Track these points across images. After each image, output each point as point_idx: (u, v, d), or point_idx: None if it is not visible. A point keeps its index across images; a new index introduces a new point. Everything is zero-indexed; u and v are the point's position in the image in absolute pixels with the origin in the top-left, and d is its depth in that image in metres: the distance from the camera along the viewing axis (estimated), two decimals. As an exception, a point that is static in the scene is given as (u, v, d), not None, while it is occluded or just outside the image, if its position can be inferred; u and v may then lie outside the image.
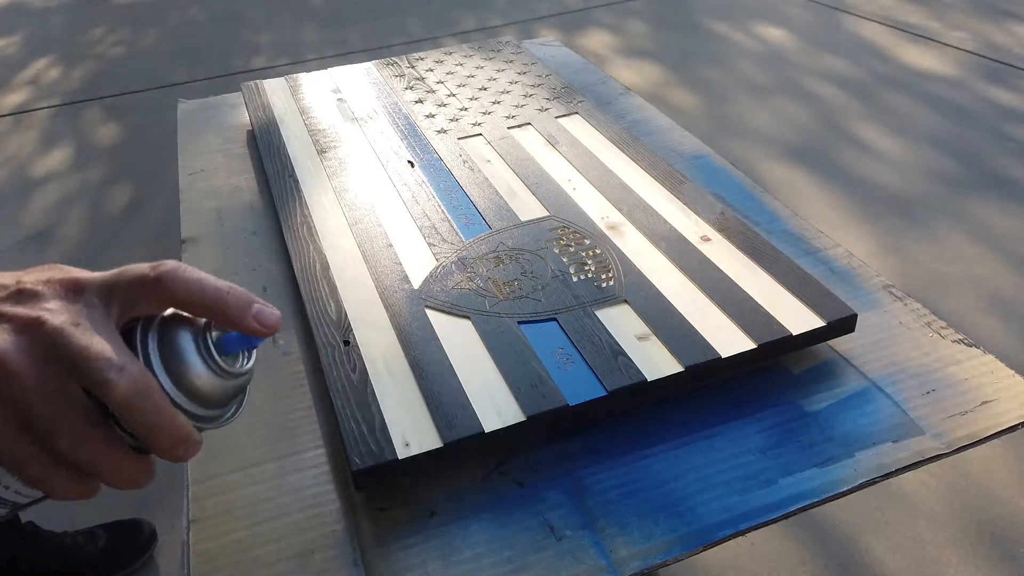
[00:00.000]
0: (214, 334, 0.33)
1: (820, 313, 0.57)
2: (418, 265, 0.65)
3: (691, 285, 0.61)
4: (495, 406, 0.51)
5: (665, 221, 0.69)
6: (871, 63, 2.88)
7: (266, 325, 0.33)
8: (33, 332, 0.29)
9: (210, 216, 0.78)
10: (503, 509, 0.49)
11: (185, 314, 0.33)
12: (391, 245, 0.68)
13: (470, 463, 0.52)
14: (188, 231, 0.76)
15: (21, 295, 0.30)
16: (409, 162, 0.81)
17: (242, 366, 0.33)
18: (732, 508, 0.48)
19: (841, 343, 0.60)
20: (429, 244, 0.68)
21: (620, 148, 0.82)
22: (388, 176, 0.79)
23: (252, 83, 1.00)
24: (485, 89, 0.96)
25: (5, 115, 2.79)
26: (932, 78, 2.74)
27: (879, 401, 0.56)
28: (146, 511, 1.27)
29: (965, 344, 0.61)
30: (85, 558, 1.17)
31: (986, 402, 0.55)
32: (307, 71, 1.05)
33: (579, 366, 0.54)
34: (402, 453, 0.48)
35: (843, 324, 0.58)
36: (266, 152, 0.84)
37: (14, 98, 2.91)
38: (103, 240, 2.03)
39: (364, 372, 0.54)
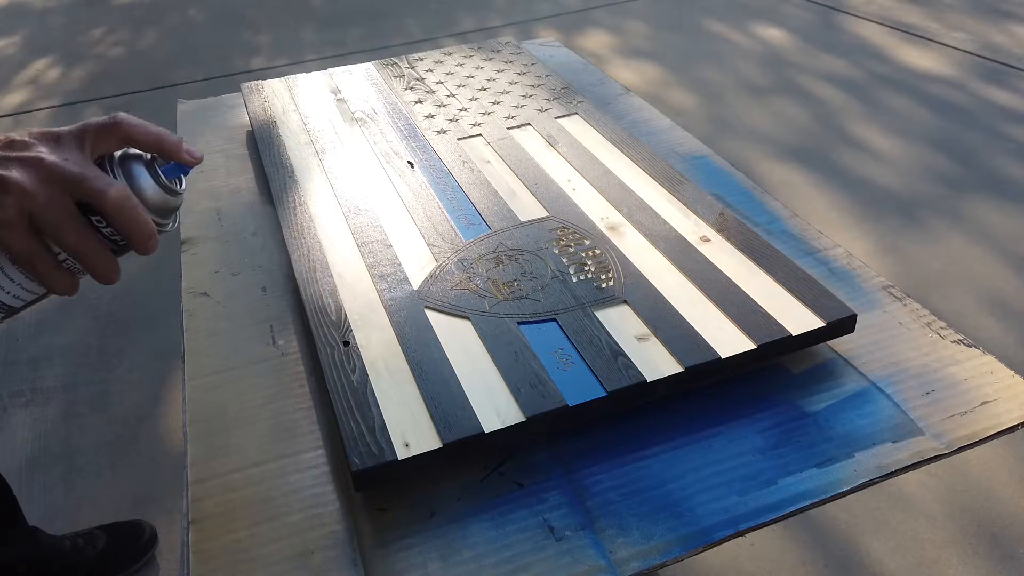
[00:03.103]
0: (159, 164, 0.44)
1: (820, 313, 0.57)
2: (418, 265, 0.65)
3: (691, 285, 0.61)
4: (495, 407, 0.51)
5: (665, 221, 0.69)
6: (870, 63, 2.88)
7: (195, 157, 0.46)
8: (37, 166, 0.40)
9: (210, 216, 0.78)
10: (503, 509, 0.49)
11: (137, 151, 0.44)
12: (391, 245, 0.68)
13: (470, 463, 0.52)
14: (188, 231, 0.76)
15: (14, 145, 0.41)
16: (409, 163, 0.81)
17: (179, 188, 0.45)
18: (732, 508, 0.48)
19: (841, 343, 0.60)
20: (429, 244, 0.68)
21: (620, 148, 0.82)
22: (388, 177, 0.79)
23: (252, 83, 1.00)
24: (485, 90, 0.96)
25: (5, 115, 2.79)
26: (931, 78, 2.74)
27: (879, 401, 0.56)
28: (146, 512, 1.27)
29: (965, 344, 0.61)
30: (85, 560, 1.17)
31: (986, 402, 0.55)
32: (307, 71, 1.05)
33: (579, 367, 0.54)
34: (402, 454, 0.48)
35: (843, 324, 0.58)
36: (266, 152, 0.84)
37: (14, 98, 2.91)
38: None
39: (364, 372, 0.54)
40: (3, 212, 0.38)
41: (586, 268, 0.64)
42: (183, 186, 0.46)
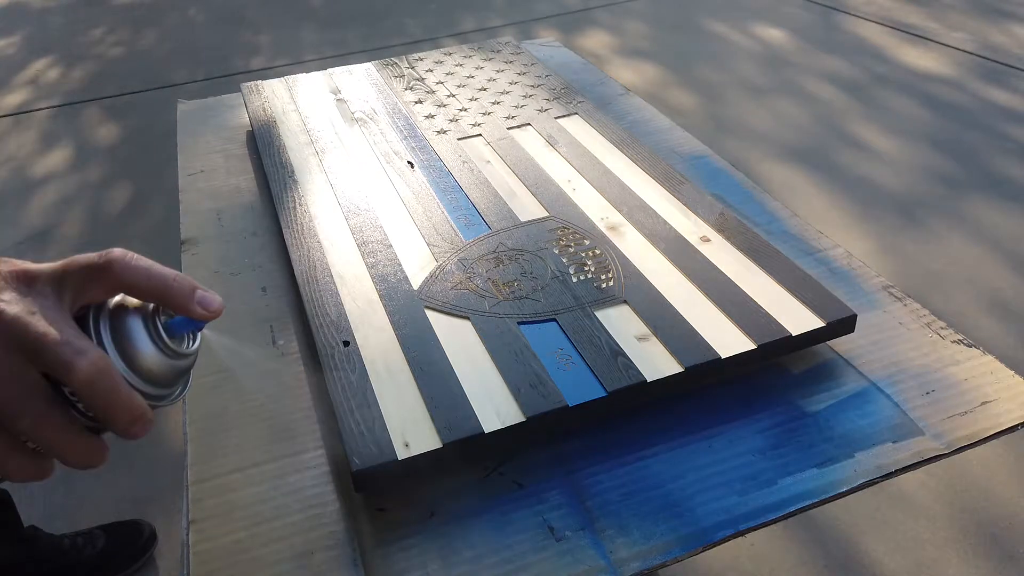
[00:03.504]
0: (162, 318, 0.35)
1: (820, 313, 0.57)
2: (418, 265, 0.65)
3: (691, 286, 0.61)
4: (495, 407, 0.51)
5: (665, 222, 0.69)
6: (870, 63, 2.88)
7: (209, 309, 0.35)
8: None
9: (210, 216, 0.78)
10: (503, 509, 0.49)
11: (134, 300, 0.34)
12: (391, 245, 0.68)
13: (470, 464, 0.52)
14: (188, 231, 0.76)
15: None
16: (409, 163, 0.81)
17: (188, 347, 0.36)
18: (732, 509, 0.48)
19: (841, 343, 0.60)
20: (429, 244, 0.68)
21: (620, 149, 0.82)
22: (388, 177, 0.79)
23: (252, 83, 1.00)
24: (485, 90, 0.96)
25: (5, 115, 2.79)
26: (931, 78, 2.74)
27: (879, 401, 0.56)
28: (146, 512, 1.27)
29: (965, 344, 0.61)
30: (84, 560, 1.17)
31: (986, 402, 0.55)
32: (307, 71, 1.05)
33: (579, 367, 0.54)
34: (402, 454, 0.48)
35: (843, 324, 0.58)
36: (266, 152, 0.84)
37: (14, 98, 2.91)
38: (103, 240, 2.02)
39: (364, 372, 0.54)
40: None
41: (586, 268, 0.64)
42: (196, 343, 0.36)
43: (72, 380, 0.30)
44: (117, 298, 0.34)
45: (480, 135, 0.86)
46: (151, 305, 0.35)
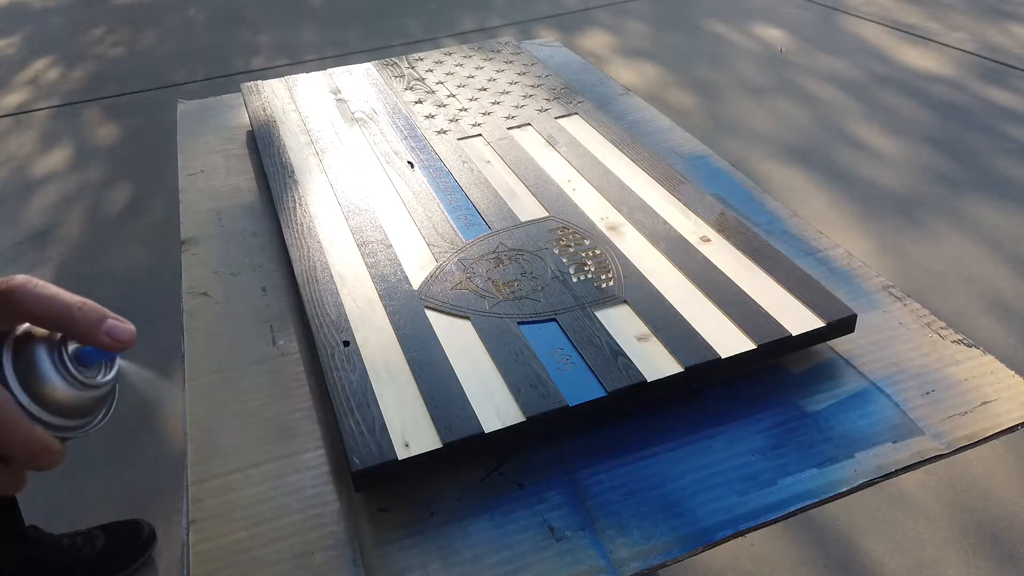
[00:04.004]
0: (71, 347, 0.33)
1: (820, 313, 0.57)
2: (418, 265, 0.65)
3: (691, 286, 0.61)
4: (495, 407, 0.51)
5: (665, 222, 0.69)
6: (870, 63, 2.88)
7: (118, 340, 0.33)
8: None
9: (210, 216, 0.78)
10: (503, 509, 0.49)
11: (40, 330, 0.33)
12: (391, 245, 0.68)
13: (470, 463, 0.52)
14: (188, 231, 0.76)
15: None
16: (409, 163, 0.81)
17: (103, 377, 0.34)
18: (732, 509, 0.48)
19: (841, 343, 0.60)
20: (429, 244, 0.68)
21: (620, 149, 0.82)
22: (388, 177, 0.79)
23: (252, 83, 1.00)
24: (485, 90, 0.96)
25: (5, 115, 2.79)
26: (931, 78, 2.74)
27: (879, 401, 0.56)
28: (146, 512, 1.27)
29: (965, 344, 0.61)
30: (84, 559, 1.17)
31: (986, 402, 0.55)
32: (307, 71, 1.05)
33: (579, 367, 0.54)
34: (402, 454, 0.48)
35: (843, 324, 0.58)
36: (266, 152, 0.84)
37: (14, 98, 2.91)
38: (103, 240, 2.02)
39: (364, 372, 0.54)
40: None
41: (586, 268, 0.64)
42: (112, 371, 0.35)
43: None
44: (23, 327, 0.33)
45: (480, 135, 0.86)
46: (58, 335, 0.33)
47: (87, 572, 1.18)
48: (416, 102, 0.94)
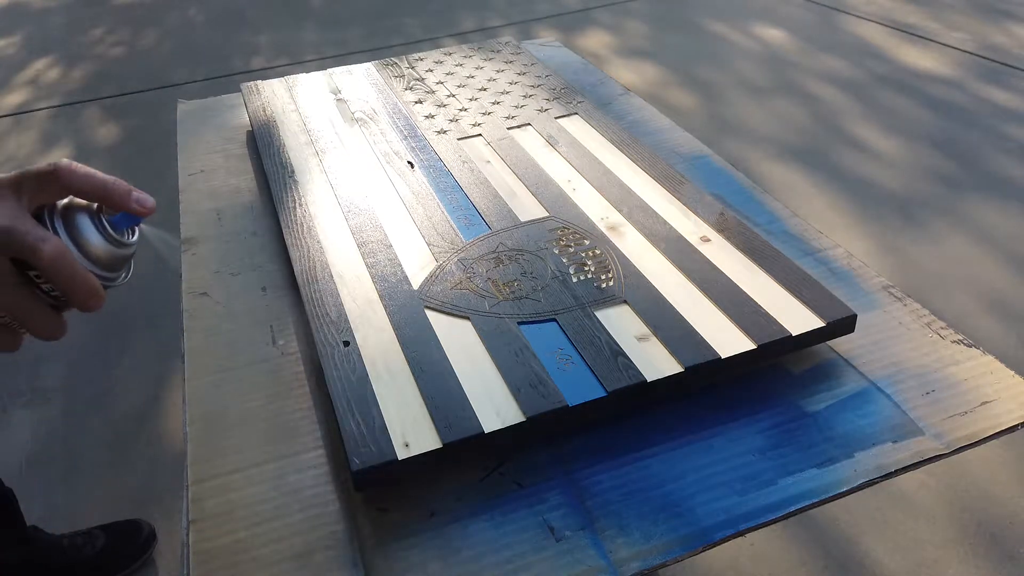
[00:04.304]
0: (106, 215, 0.41)
1: (820, 313, 0.57)
2: (418, 265, 0.65)
3: (691, 285, 0.61)
4: (495, 407, 0.51)
5: (665, 222, 0.69)
6: (870, 63, 2.88)
7: (144, 207, 0.42)
8: None
9: (210, 216, 0.78)
10: (503, 509, 0.49)
11: (80, 201, 0.41)
12: (391, 245, 0.68)
13: (470, 464, 0.52)
14: (188, 231, 0.76)
15: None
16: (409, 163, 0.81)
17: (130, 239, 0.43)
18: (732, 509, 0.48)
19: (841, 343, 0.60)
20: (429, 244, 0.68)
21: (620, 149, 0.82)
22: (388, 177, 0.79)
23: (252, 83, 1.00)
24: (485, 90, 0.96)
25: (5, 115, 2.79)
26: (931, 78, 2.74)
27: (879, 401, 0.56)
28: (146, 512, 1.27)
29: (965, 344, 0.61)
30: (84, 559, 1.17)
31: (986, 402, 0.55)
32: (307, 71, 1.05)
33: (579, 367, 0.54)
34: (402, 454, 0.48)
35: (843, 324, 0.58)
36: (266, 152, 0.84)
37: (14, 98, 2.91)
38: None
39: (364, 372, 0.54)
40: None
41: (586, 268, 0.64)
42: (135, 236, 0.43)
43: (38, 260, 0.38)
44: (66, 200, 0.41)
45: (480, 135, 0.86)
46: (95, 205, 0.41)
47: (87, 572, 1.18)
48: (416, 102, 0.94)
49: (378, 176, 0.79)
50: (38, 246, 0.37)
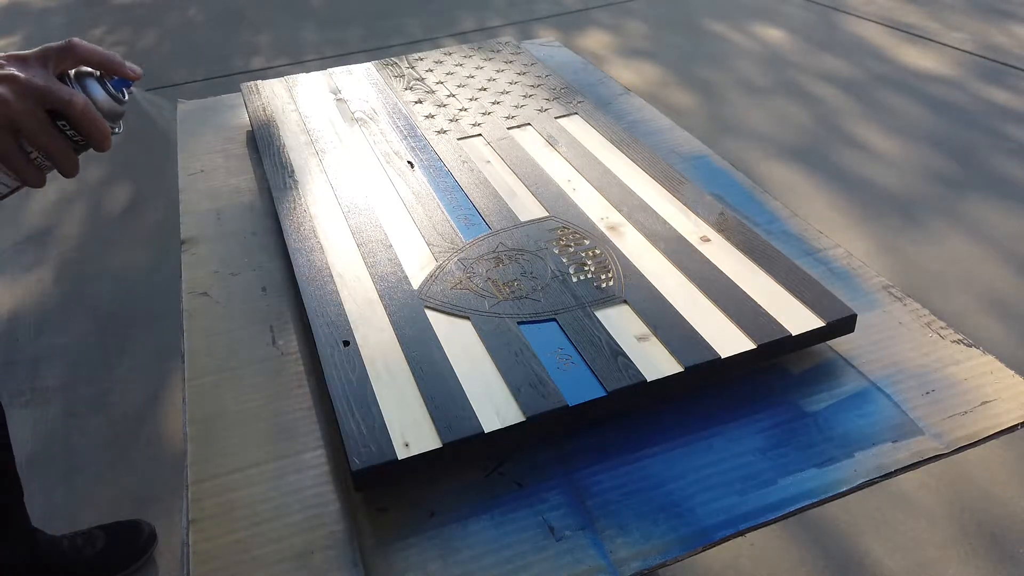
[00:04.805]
0: (107, 79, 0.54)
1: (820, 313, 0.57)
2: (418, 265, 0.65)
3: (691, 285, 0.61)
4: (495, 406, 0.51)
5: (665, 222, 0.69)
6: (870, 63, 2.88)
7: (136, 72, 0.55)
8: (13, 82, 0.49)
9: (210, 216, 0.78)
10: (503, 509, 0.49)
11: (87, 68, 0.54)
12: (391, 245, 0.68)
13: (470, 463, 0.52)
14: (188, 231, 0.76)
15: None
16: (409, 163, 0.81)
17: (124, 98, 0.55)
18: (731, 508, 0.48)
19: (841, 343, 0.60)
20: (429, 244, 0.68)
21: (620, 149, 0.82)
22: (388, 177, 0.79)
23: (252, 83, 1.00)
24: (485, 90, 0.96)
25: (4, 115, 2.78)
26: (931, 78, 2.74)
27: (879, 401, 0.56)
28: (146, 512, 1.27)
29: (965, 344, 0.61)
30: (84, 560, 1.17)
31: (986, 402, 0.55)
32: (307, 71, 1.05)
33: (579, 366, 0.54)
34: (402, 453, 0.48)
35: (843, 324, 0.58)
36: (266, 152, 0.84)
37: (13, 98, 2.91)
38: (103, 240, 2.03)
39: (364, 372, 0.54)
40: None
41: (586, 268, 0.64)
42: (127, 96, 0.56)
43: (72, 110, 0.50)
44: (78, 68, 0.53)
45: (480, 135, 0.86)
46: (99, 72, 0.54)
47: (87, 572, 1.18)
48: (416, 102, 0.94)
49: (378, 176, 0.79)
50: (72, 99, 0.50)
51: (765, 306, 0.58)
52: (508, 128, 0.87)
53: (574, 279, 0.62)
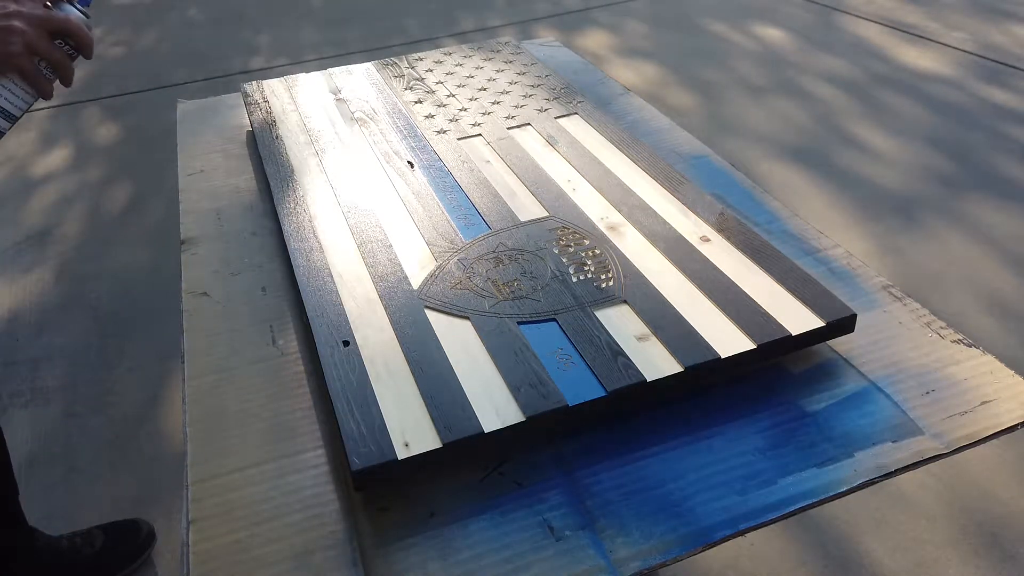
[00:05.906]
0: (76, 3, 0.68)
1: (820, 313, 0.57)
2: (418, 265, 0.65)
3: (691, 285, 0.61)
4: (494, 406, 0.51)
5: (665, 222, 0.69)
6: (870, 63, 2.88)
7: None
8: (19, 17, 0.62)
9: (210, 216, 0.78)
10: (503, 509, 0.49)
11: None
12: (391, 245, 0.68)
13: (470, 463, 0.52)
14: (188, 231, 0.76)
15: None
16: (409, 163, 0.81)
17: (88, 14, 0.68)
18: (731, 508, 0.48)
19: (841, 343, 0.60)
20: (429, 244, 0.68)
21: (620, 148, 0.82)
22: (388, 177, 0.79)
23: (252, 83, 1.00)
24: (484, 89, 0.96)
25: (4, 115, 2.78)
26: (931, 78, 2.74)
27: (879, 401, 0.56)
28: (146, 512, 1.27)
29: (965, 344, 0.61)
30: (83, 560, 1.17)
31: (986, 402, 0.55)
32: (306, 71, 1.05)
33: (579, 366, 0.54)
34: (402, 453, 0.48)
35: (843, 324, 0.58)
36: (265, 152, 0.84)
37: (13, 98, 2.91)
38: (103, 240, 2.02)
39: (364, 372, 0.54)
40: (16, 47, 0.62)
41: (586, 268, 0.64)
42: (89, 9, 0.70)
43: (71, 27, 0.65)
44: None
45: (480, 135, 0.86)
46: None
47: (86, 572, 1.18)
48: (416, 102, 0.94)
49: (378, 176, 0.79)
50: (69, 19, 0.65)
51: (765, 306, 0.58)
52: (508, 128, 0.87)
53: (574, 279, 0.62)
